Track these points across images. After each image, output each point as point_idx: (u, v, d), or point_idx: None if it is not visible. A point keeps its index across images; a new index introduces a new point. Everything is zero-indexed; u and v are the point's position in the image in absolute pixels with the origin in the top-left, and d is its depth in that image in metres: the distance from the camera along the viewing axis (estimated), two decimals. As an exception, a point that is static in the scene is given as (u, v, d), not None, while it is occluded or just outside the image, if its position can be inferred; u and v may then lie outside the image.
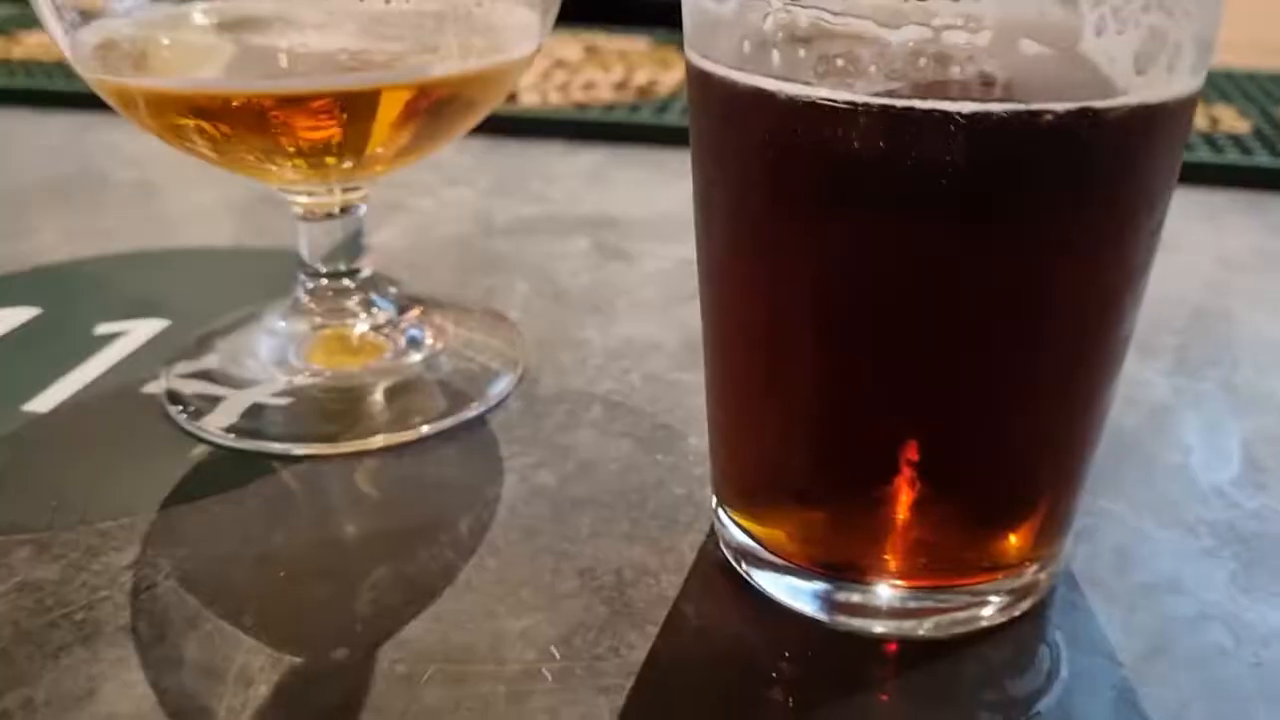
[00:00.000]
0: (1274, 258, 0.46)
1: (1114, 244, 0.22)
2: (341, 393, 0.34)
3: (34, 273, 0.43)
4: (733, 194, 0.23)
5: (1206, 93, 0.65)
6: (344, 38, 0.31)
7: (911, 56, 0.20)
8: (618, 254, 0.44)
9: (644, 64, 0.67)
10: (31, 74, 0.68)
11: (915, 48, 0.20)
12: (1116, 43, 0.20)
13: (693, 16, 0.23)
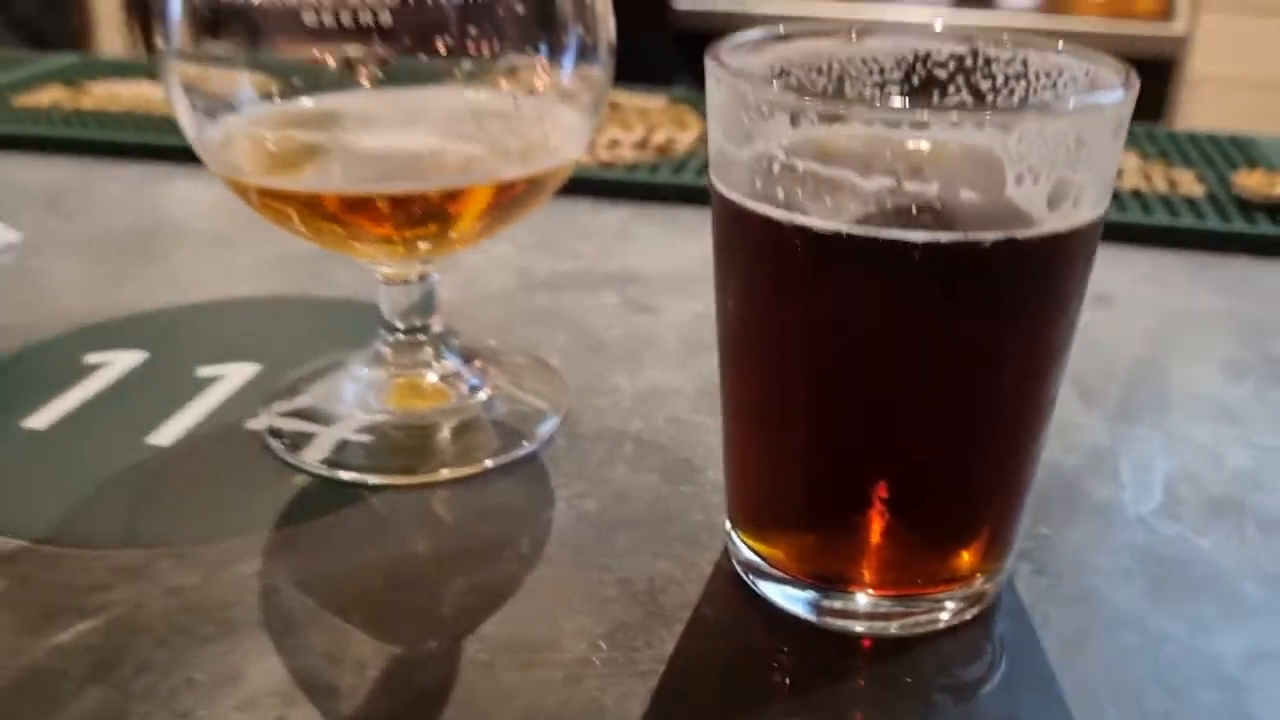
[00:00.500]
0: (1212, 316, 0.52)
1: (1038, 334, 0.29)
2: (414, 431, 0.41)
3: (137, 319, 0.50)
4: (743, 288, 0.30)
5: (1170, 154, 0.72)
6: (421, 136, 0.38)
7: (880, 198, 0.26)
8: (643, 307, 0.51)
9: (662, 122, 0.74)
10: (104, 125, 0.75)
11: (883, 192, 0.26)
12: (1032, 190, 0.26)
13: (716, 154, 0.29)
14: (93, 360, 0.46)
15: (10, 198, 0.65)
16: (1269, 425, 0.43)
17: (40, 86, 0.84)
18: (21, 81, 0.86)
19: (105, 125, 0.74)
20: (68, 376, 0.45)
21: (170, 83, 0.37)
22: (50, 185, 0.67)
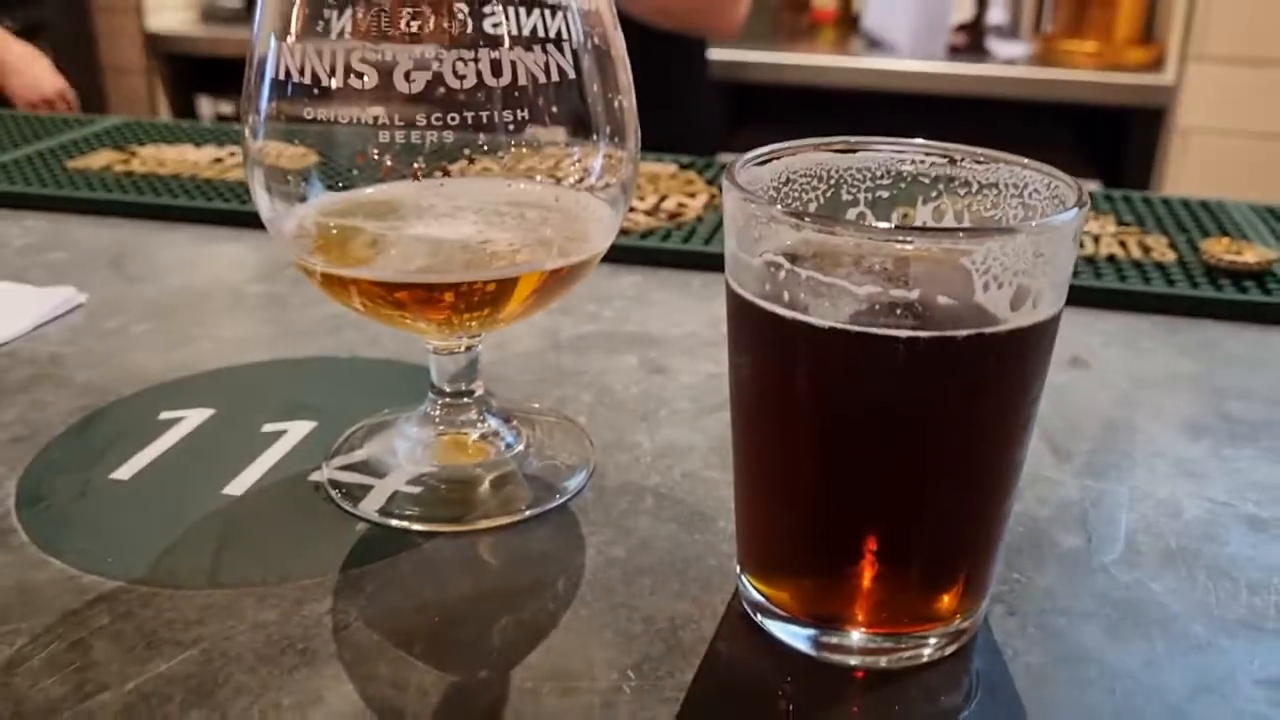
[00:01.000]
0: (1179, 379, 0.58)
1: (1004, 411, 0.34)
2: (459, 484, 0.46)
3: (203, 377, 0.55)
4: (753, 368, 0.35)
5: (1144, 221, 0.78)
6: (468, 227, 0.44)
7: (870, 301, 0.32)
8: (659, 369, 0.57)
9: (673, 189, 0.79)
10: (155, 189, 0.80)
11: (873, 296, 0.32)
12: (997, 294, 0.32)
13: (731, 258, 0.35)
14: (167, 416, 0.52)
15: (75, 259, 0.71)
16: (1222, 481, 0.48)
17: (91, 150, 0.89)
18: (73, 144, 0.91)
19: (157, 190, 0.80)
20: (146, 431, 0.50)
21: (253, 175, 0.43)
22: (110, 247, 0.73)
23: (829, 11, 2.45)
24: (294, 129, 0.41)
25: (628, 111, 0.44)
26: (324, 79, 0.38)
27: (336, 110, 0.39)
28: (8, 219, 0.78)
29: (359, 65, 0.38)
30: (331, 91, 0.38)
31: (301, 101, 0.40)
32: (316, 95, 0.39)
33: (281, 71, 0.39)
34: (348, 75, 0.38)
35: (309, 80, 0.39)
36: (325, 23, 0.39)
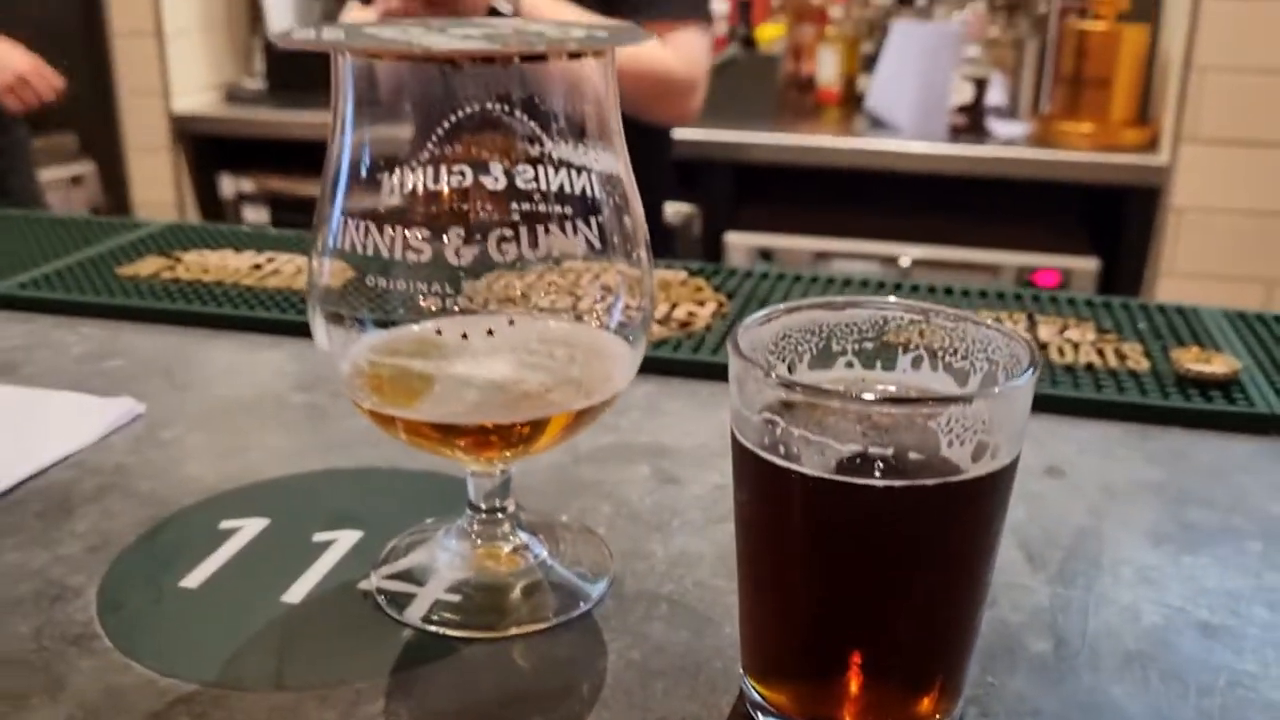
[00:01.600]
0: (1147, 487, 0.63)
1: (970, 544, 0.39)
2: (492, 592, 0.51)
3: (257, 487, 0.61)
4: (754, 504, 0.41)
5: (1122, 328, 0.83)
6: (503, 367, 0.49)
7: (853, 454, 0.37)
8: (671, 479, 0.62)
9: (683, 296, 0.85)
10: (201, 298, 0.86)
11: (855, 451, 0.37)
12: (959, 449, 0.37)
13: (735, 414, 0.40)
14: (226, 526, 0.57)
15: (130, 367, 0.77)
16: (1179, 588, 0.53)
17: (138, 256, 0.96)
18: (120, 250, 0.98)
19: (203, 298, 0.86)
20: (209, 540, 0.56)
21: (315, 321, 0.49)
22: (162, 355, 0.79)
23: (833, 92, 2.53)
24: (351, 285, 0.47)
25: (644, 263, 0.50)
26: (383, 252, 0.44)
27: (393, 278, 0.45)
28: (65, 326, 0.84)
29: (416, 244, 0.44)
30: (389, 261, 0.44)
31: (361, 264, 0.46)
32: (373, 260, 0.45)
33: (346, 244, 0.45)
34: (405, 251, 0.44)
35: (371, 253, 0.45)
36: (385, 205, 0.45)
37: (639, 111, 1.61)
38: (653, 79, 1.57)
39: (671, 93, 1.60)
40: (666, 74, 1.58)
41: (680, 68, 1.59)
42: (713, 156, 2.29)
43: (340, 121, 0.47)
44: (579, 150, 0.48)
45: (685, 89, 1.61)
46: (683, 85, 1.60)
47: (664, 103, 1.60)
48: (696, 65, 1.63)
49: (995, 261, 2.23)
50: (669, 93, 1.59)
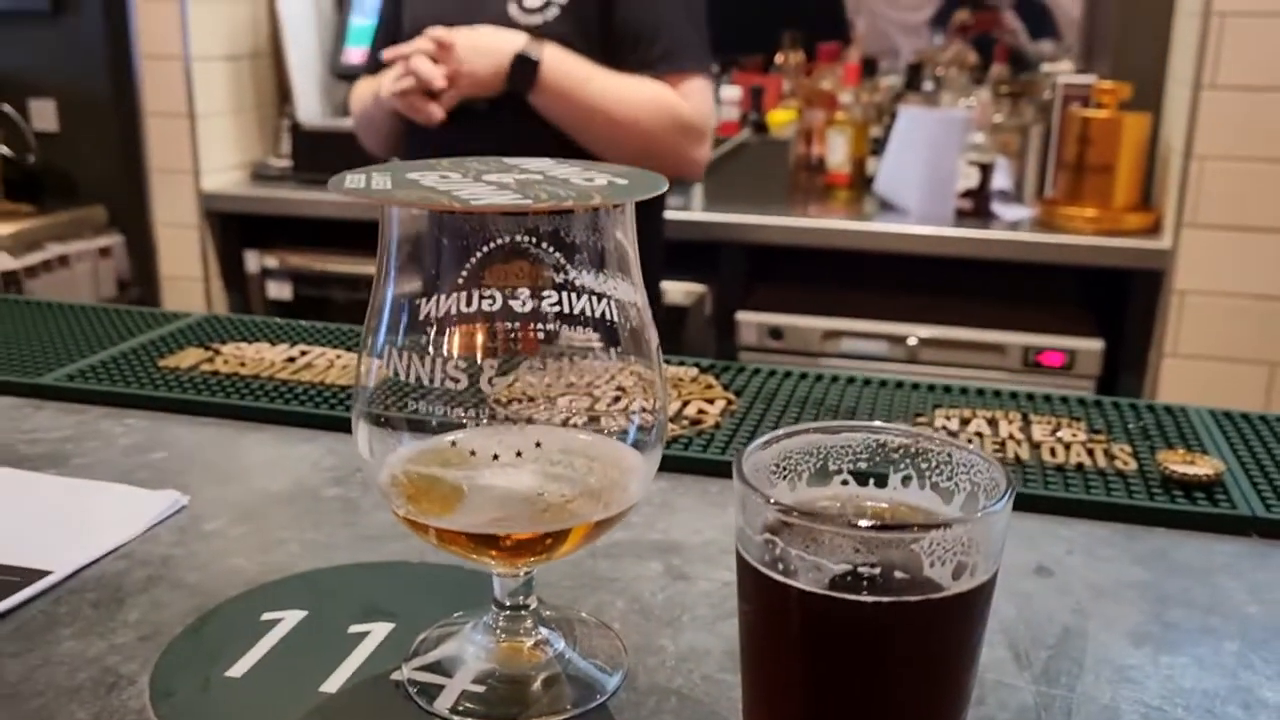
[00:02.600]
0: (1131, 587, 0.67)
1: (952, 656, 0.43)
2: (515, 684, 0.55)
3: (295, 579, 0.65)
4: (755, 613, 0.45)
5: (1113, 427, 0.87)
6: (528, 478, 0.54)
7: (843, 573, 0.42)
8: (681, 575, 0.66)
9: (694, 393, 0.90)
10: (240, 391, 0.91)
11: (844, 572, 0.42)
12: (940, 569, 0.41)
13: (740, 532, 0.45)
14: (267, 617, 0.61)
15: (174, 459, 0.81)
16: (1157, 687, 0.57)
17: (179, 348, 1.01)
18: (161, 341, 1.03)
19: (241, 392, 0.91)
20: (251, 631, 0.60)
21: (359, 434, 0.53)
22: (204, 447, 0.84)
23: (843, 175, 2.60)
24: (393, 399, 0.52)
25: (657, 374, 0.54)
26: (424, 378, 0.49)
27: (430, 400, 0.49)
28: (111, 417, 0.89)
29: (453, 373, 0.49)
30: (429, 387, 0.49)
31: (401, 387, 0.50)
32: (414, 387, 0.50)
33: (390, 369, 0.50)
34: (444, 379, 0.49)
35: (412, 381, 0.49)
36: (427, 339, 0.50)
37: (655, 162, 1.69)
38: (672, 126, 1.66)
39: (688, 140, 1.69)
40: (685, 121, 1.67)
41: (695, 115, 1.68)
42: (725, 237, 2.35)
43: (386, 258, 0.52)
44: (599, 278, 0.53)
45: (698, 136, 1.70)
46: (696, 132, 1.70)
47: (681, 151, 1.69)
48: (707, 114, 1.73)
49: (1001, 341, 2.27)
50: (685, 140, 1.69)
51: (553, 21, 1.67)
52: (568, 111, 1.64)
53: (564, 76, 1.62)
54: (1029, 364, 2.27)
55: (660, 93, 1.66)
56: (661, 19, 1.68)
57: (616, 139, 1.65)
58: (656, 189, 0.51)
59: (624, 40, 1.68)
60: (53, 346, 1.03)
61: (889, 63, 3.01)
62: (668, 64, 1.67)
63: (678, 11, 1.70)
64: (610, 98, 1.63)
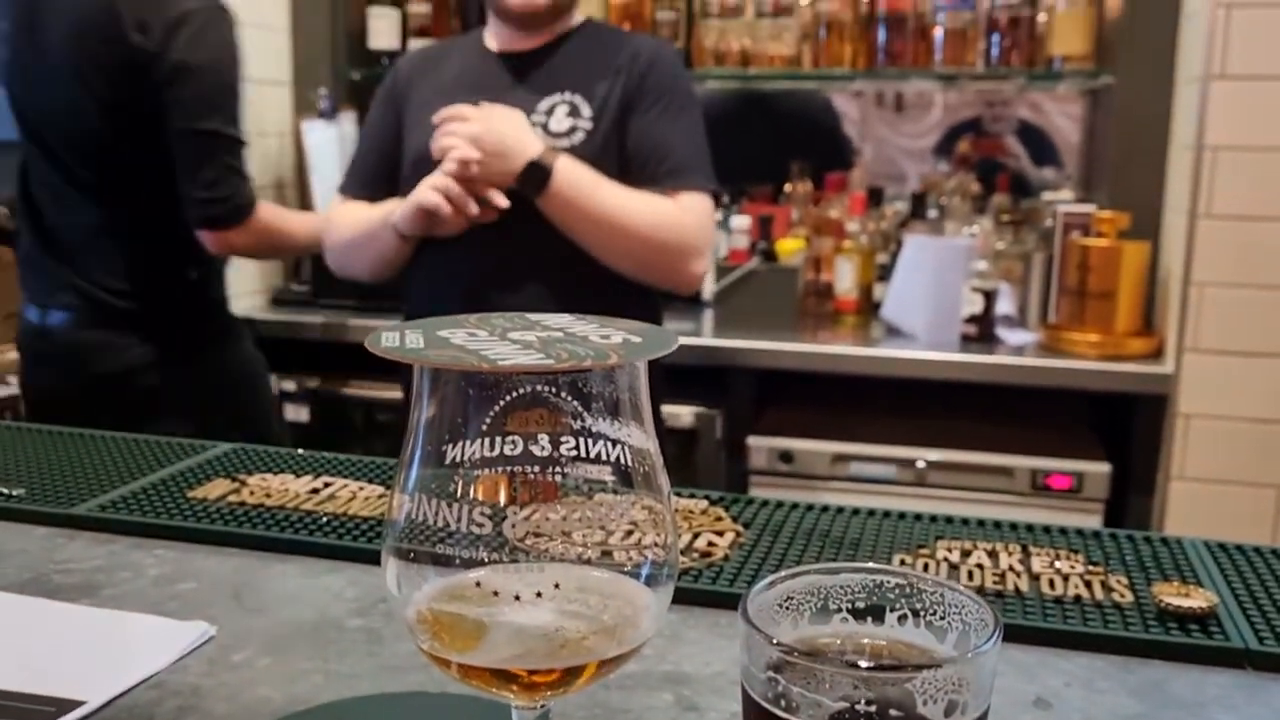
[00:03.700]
0: (1126, 718, 0.69)
1: (946, 788, 0.46)
2: (533, 815, 0.58)
3: (321, 710, 0.68)
4: None
5: (1110, 559, 0.90)
6: (546, 615, 0.57)
7: (841, 710, 0.44)
8: (691, 706, 0.69)
9: (703, 526, 0.93)
10: (266, 523, 0.95)
11: (844, 709, 0.44)
12: (933, 706, 0.44)
13: (744, 669, 0.48)
14: (294, 749, 0.64)
15: (202, 590, 0.85)
16: (1151, 820, 0.59)
17: (206, 479, 1.05)
18: (189, 472, 1.07)
19: (267, 523, 0.95)
20: (278, 763, 0.63)
21: (389, 569, 0.57)
22: (231, 578, 0.87)
23: (850, 300, 2.65)
24: (421, 540, 0.55)
25: (667, 519, 0.58)
26: (451, 525, 0.53)
27: (455, 544, 0.53)
28: (141, 548, 0.92)
29: (478, 519, 0.52)
30: (454, 531, 0.53)
31: (428, 531, 0.54)
32: (440, 530, 0.53)
33: (419, 514, 0.54)
34: (470, 524, 0.52)
35: (439, 525, 0.53)
36: (454, 484, 0.53)
37: (653, 271, 1.78)
38: (672, 237, 1.73)
39: (685, 253, 1.75)
40: (684, 233, 1.74)
41: (694, 229, 1.75)
42: (735, 362, 2.40)
43: (419, 404, 0.56)
44: (615, 425, 0.57)
45: (695, 250, 1.77)
46: (693, 246, 1.76)
47: (677, 263, 1.76)
48: (706, 229, 1.80)
49: (1009, 465, 2.30)
50: (682, 252, 1.75)
51: (578, 145, 1.77)
52: (574, 218, 1.72)
53: (573, 184, 1.71)
54: (1037, 487, 2.29)
55: (663, 206, 1.75)
56: (669, 140, 1.79)
57: (619, 247, 1.73)
58: (669, 347, 0.56)
59: (635, 159, 1.78)
60: (85, 476, 1.06)
61: (894, 189, 3.10)
62: (673, 180, 1.76)
63: (684, 135, 1.80)
64: (615, 207, 1.71)
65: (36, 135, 1.99)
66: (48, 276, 1.99)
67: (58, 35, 1.92)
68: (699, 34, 2.74)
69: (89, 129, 1.93)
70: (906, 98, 3.19)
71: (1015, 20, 2.56)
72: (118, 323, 1.96)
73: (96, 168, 1.95)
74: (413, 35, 2.86)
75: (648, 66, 1.82)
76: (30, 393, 2.08)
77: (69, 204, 1.98)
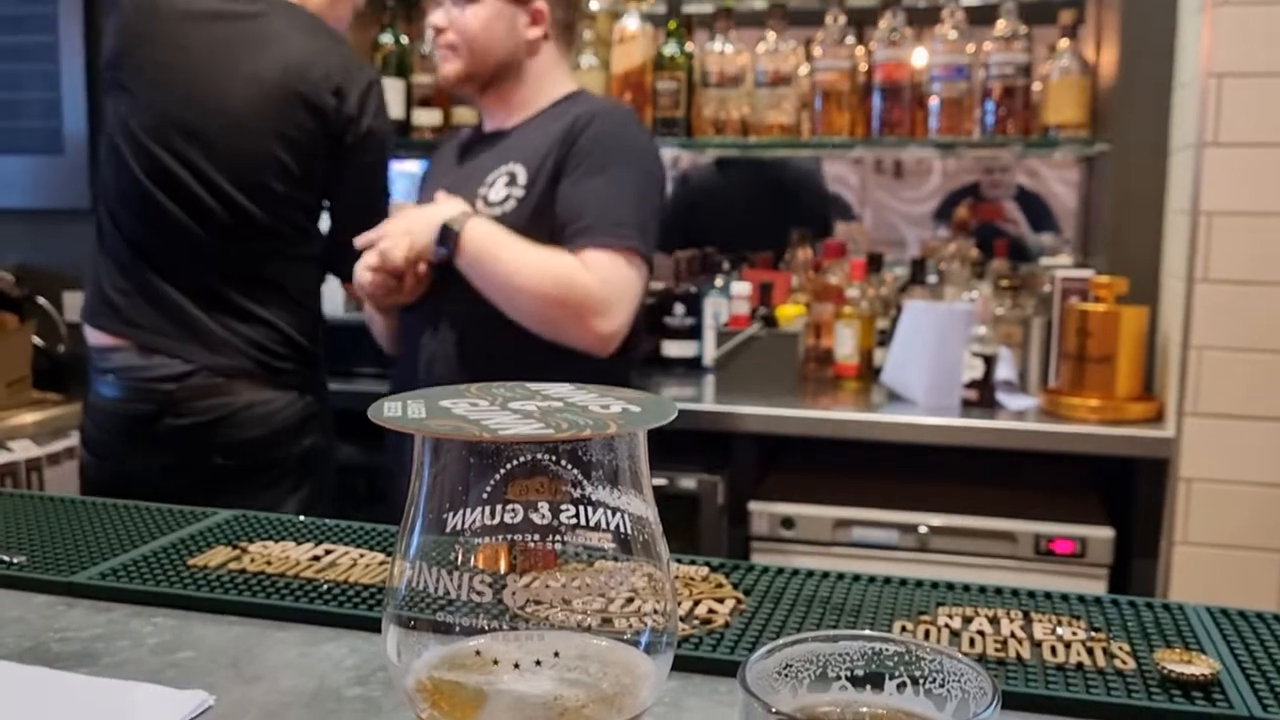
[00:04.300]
0: (1129, 787, 0.68)
1: None
2: None
3: (318, 782, 0.68)
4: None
5: (1112, 625, 0.90)
6: (546, 683, 0.57)
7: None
8: (692, 777, 0.68)
9: (703, 594, 0.93)
10: (266, 590, 0.95)
11: (844, 777, 0.44)
12: (933, 777, 0.44)
13: (744, 707, 0.48)
14: (292, 820, 0.64)
15: (201, 659, 0.84)
16: None
17: (208, 546, 1.05)
18: (191, 539, 1.07)
19: (267, 591, 0.94)
20: (276, 835, 0.62)
21: (389, 636, 0.57)
22: (230, 646, 0.86)
23: (851, 365, 2.66)
24: (422, 608, 0.56)
25: (667, 588, 0.58)
26: (451, 593, 0.53)
27: (457, 613, 0.53)
28: (140, 616, 0.92)
29: (479, 587, 0.53)
30: (454, 600, 0.53)
31: (429, 599, 0.54)
32: (440, 598, 0.54)
33: (419, 582, 0.54)
34: (470, 593, 0.53)
35: (440, 593, 0.53)
36: (455, 552, 0.54)
37: (554, 328, 1.80)
38: (570, 294, 1.75)
39: (584, 310, 1.75)
40: (582, 291, 1.75)
41: (595, 285, 1.75)
42: (737, 428, 2.40)
43: (420, 473, 0.56)
44: (614, 494, 0.57)
45: (595, 309, 1.76)
46: (594, 304, 1.75)
47: (578, 321, 1.76)
48: (612, 286, 1.78)
49: (1012, 529, 2.29)
50: (581, 311, 1.75)
51: (510, 212, 1.83)
52: (480, 277, 1.79)
53: (479, 242, 1.76)
54: (1040, 552, 2.28)
55: (560, 263, 1.77)
56: (587, 201, 1.81)
57: (519, 305, 1.78)
58: (667, 417, 0.56)
59: (558, 221, 1.81)
60: (85, 543, 1.07)
61: (894, 254, 3.12)
62: (580, 238, 1.78)
63: (601, 193, 1.81)
64: (514, 266, 1.76)
65: (175, 190, 1.93)
66: (189, 333, 1.93)
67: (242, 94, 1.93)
68: (699, 103, 2.78)
69: (258, 184, 1.93)
70: (905, 164, 3.23)
71: (1010, 89, 2.59)
72: (265, 380, 1.95)
73: (253, 224, 1.93)
74: (417, 105, 2.90)
75: (582, 129, 1.85)
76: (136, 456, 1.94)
77: (201, 261, 1.95)
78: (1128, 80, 2.49)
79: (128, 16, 2.01)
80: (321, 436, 2.04)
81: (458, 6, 1.88)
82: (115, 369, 1.94)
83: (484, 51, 1.89)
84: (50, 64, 2.80)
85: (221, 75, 1.95)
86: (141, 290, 1.96)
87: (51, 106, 2.82)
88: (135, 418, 1.92)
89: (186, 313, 1.94)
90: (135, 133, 1.95)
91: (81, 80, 2.79)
